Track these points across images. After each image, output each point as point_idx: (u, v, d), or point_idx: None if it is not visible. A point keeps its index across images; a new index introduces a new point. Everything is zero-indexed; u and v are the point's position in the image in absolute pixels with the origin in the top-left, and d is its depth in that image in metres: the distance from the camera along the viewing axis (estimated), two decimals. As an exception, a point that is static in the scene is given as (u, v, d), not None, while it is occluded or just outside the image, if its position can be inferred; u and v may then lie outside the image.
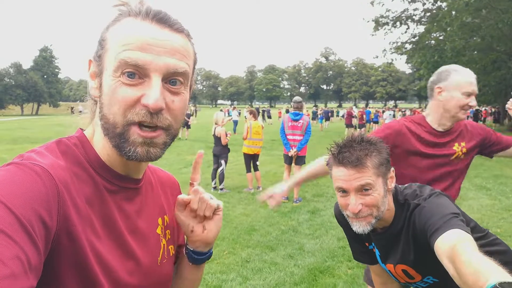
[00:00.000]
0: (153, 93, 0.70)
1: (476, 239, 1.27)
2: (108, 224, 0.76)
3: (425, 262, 1.45)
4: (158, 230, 0.90)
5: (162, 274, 0.88)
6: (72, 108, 63.93)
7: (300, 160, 7.03)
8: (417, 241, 1.40)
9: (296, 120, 6.97)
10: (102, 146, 0.79)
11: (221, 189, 7.93)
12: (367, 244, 1.68)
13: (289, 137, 7.04)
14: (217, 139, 7.96)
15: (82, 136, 0.81)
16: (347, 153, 1.34)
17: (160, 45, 0.72)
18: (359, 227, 1.37)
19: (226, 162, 8.08)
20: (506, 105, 2.35)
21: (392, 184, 1.43)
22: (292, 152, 6.96)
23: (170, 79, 0.74)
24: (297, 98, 7.28)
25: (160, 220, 0.91)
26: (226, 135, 7.90)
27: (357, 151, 1.34)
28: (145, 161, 0.75)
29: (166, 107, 0.74)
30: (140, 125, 0.73)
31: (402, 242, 1.46)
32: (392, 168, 1.43)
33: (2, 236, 0.55)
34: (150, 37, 0.71)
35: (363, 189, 1.33)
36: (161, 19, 0.74)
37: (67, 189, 0.69)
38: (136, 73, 0.71)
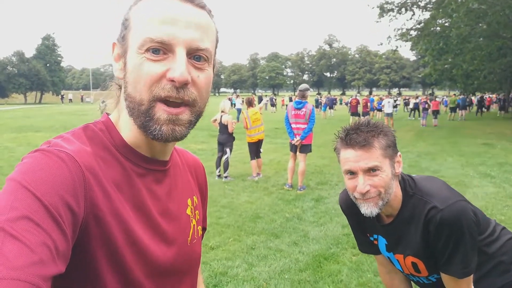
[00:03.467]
0: (178, 66, 0.70)
1: (482, 240, 1.48)
2: (138, 207, 0.77)
3: (436, 261, 1.47)
4: (188, 211, 0.90)
5: (192, 254, 0.90)
6: (62, 96, 62.93)
7: (305, 149, 7.02)
8: (431, 240, 1.42)
9: (299, 109, 6.94)
10: (128, 129, 0.79)
11: (226, 177, 7.96)
12: (368, 235, 1.68)
13: (293, 125, 7.01)
14: (223, 127, 7.95)
15: (107, 120, 0.81)
16: (354, 135, 1.36)
17: (184, 19, 0.72)
18: (367, 208, 1.37)
19: (231, 150, 8.10)
20: None
21: (399, 168, 1.43)
22: (295, 140, 6.96)
23: (194, 54, 0.74)
24: (301, 86, 7.23)
25: (189, 201, 0.92)
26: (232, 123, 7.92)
27: (364, 133, 1.35)
28: (171, 140, 0.75)
29: (192, 81, 0.73)
30: (166, 101, 0.73)
31: (414, 235, 1.45)
32: (399, 153, 1.43)
33: (29, 223, 0.56)
34: (174, 12, 0.72)
35: (371, 170, 1.34)
36: None
37: (94, 175, 0.69)
38: (160, 49, 0.71)
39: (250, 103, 8.35)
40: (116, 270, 0.71)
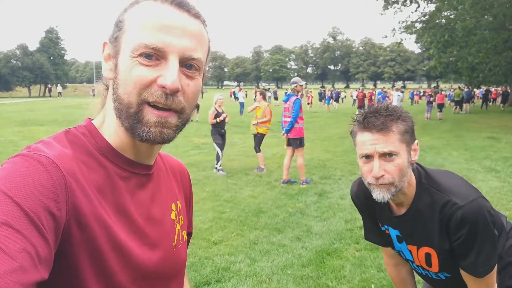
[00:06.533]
0: (170, 74, 0.71)
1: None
2: (121, 211, 0.76)
3: (450, 258, 1.44)
4: (172, 216, 0.90)
5: (178, 259, 0.89)
6: (50, 88, 61.10)
7: (293, 143, 7.00)
8: (450, 237, 1.38)
9: (285, 102, 7.15)
10: (113, 131, 0.79)
11: (218, 169, 8.06)
12: (380, 224, 1.65)
13: (283, 119, 7.19)
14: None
15: (89, 124, 0.81)
16: (372, 118, 1.33)
17: (179, 27, 0.73)
18: (379, 194, 1.35)
19: (218, 145, 8.09)
20: None
21: (415, 156, 1.40)
22: (281, 134, 7.13)
23: (186, 63, 0.74)
24: (293, 79, 7.35)
25: (173, 206, 0.92)
26: (218, 117, 7.95)
27: (383, 116, 1.32)
28: (158, 142, 0.75)
29: (182, 89, 0.74)
30: (154, 106, 0.73)
31: (431, 228, 1.42)
32: (417, 141, 1.41)
33: (9, 230, 0.55)
34: (170, 20, 0.72)
35: (387, 155, 1.32)
36: (180, 3, 0.75)
37: (75, 179, 0.68)
38: (153, 54, 0.71)
39: (265, 97, 8.49)
40: (100, 275, 0.70)
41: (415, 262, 1.57)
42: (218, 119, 7.96)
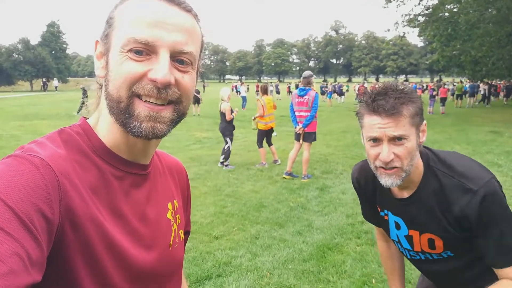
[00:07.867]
0: (161, 68, 0.70)
1: None
2: (115, 211, 0.75)
3: (457, 241, 1.38)
4: (169, 215, 0.89)
5: (174, 258, 0.89)
6: (45, 82, 59.65)
7: (308, 137, 6.97)
8: (462, 225, 1.32)
9: (302, 96, 6.91)
10: (108, 130, 0.78)
11: (226, 165, 7.99)
12: (379, 209, 1.59)
13: (296, 113, 7.00)
14: (222, 115, 7.99)
15: (84, 124, 0.80)
16: (382, 100, 1.24)
17: (169, 22, 0.71)
18: (388, 180, 1.29)
19: (231, 140, 8.08)
20: None
21: (423, 137, 1.34)
22: (297, 128, 6.94)
23: (177, 58, 0.73)
24: (305, 72, 7.14)
25: (170, 205, 0.91)
26: (232, 112, 7.89)
27: (393, 99, 1.24)
28: (151, 137, 0.74)
29: (176, 82, 0.73)
30: (146, 100, 0.72)
31: (438, 214, 1.36)
32: (425, 122, 1.34)
33: None
34: (159, 14, 0.71)
35: (397, 139, 1.26)
36: None
37: (69, 180, 0.67)
38: (144, 50, 0.70)
39: (265, 91, 8.40)
40: (95, 276, 0.69)
41: (415, 248, 1.50)
42: (233, 114, 7.95)
